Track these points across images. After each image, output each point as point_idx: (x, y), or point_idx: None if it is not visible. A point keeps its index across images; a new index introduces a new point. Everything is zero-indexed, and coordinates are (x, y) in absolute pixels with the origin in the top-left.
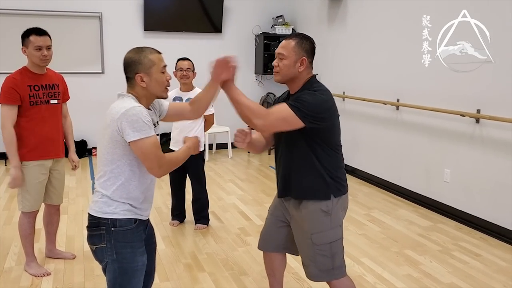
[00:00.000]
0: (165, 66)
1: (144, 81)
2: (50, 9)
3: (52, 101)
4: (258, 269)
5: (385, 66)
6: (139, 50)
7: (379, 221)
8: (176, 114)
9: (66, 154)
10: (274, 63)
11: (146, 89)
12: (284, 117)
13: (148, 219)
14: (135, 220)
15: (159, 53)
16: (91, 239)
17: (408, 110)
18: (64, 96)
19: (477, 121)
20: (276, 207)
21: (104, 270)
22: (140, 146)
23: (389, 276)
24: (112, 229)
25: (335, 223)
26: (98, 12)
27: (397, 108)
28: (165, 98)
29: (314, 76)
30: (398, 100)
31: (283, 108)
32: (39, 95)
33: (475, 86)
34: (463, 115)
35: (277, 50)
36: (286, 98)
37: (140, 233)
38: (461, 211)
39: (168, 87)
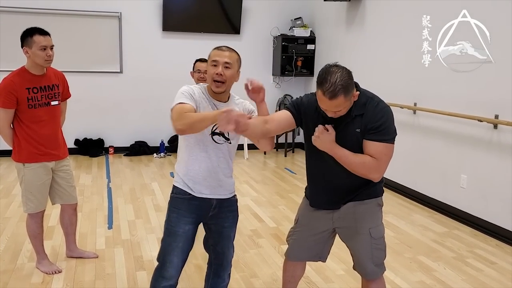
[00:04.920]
0: (213, 60)
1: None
2: (69, 9)
3: (52, 103)
4: (269, 272)
5: (402, 69)
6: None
7: (393, 226)
8: None
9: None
10: (330, 115)
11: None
12: (390, 155)
13: (229, 200)
14: (189, 193)
15: (218, 48)
16: None
17: (425, 114)
18: (64, 94)
19: (495, 126)
20: (312, 218)
21: None
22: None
23: (401, 282)
24: (171, 194)
25: (382, 217)
26: (118, 12)
27: (414, 112)
28: (214, 91)
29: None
30: (415, 104)
31: (383, 149)
32: (37, 98)
33: (493, 91)
34: (480, 120)
35: (330, 108)
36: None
37: (192, 207)
38: (477, 217)
39: (215, 80)
